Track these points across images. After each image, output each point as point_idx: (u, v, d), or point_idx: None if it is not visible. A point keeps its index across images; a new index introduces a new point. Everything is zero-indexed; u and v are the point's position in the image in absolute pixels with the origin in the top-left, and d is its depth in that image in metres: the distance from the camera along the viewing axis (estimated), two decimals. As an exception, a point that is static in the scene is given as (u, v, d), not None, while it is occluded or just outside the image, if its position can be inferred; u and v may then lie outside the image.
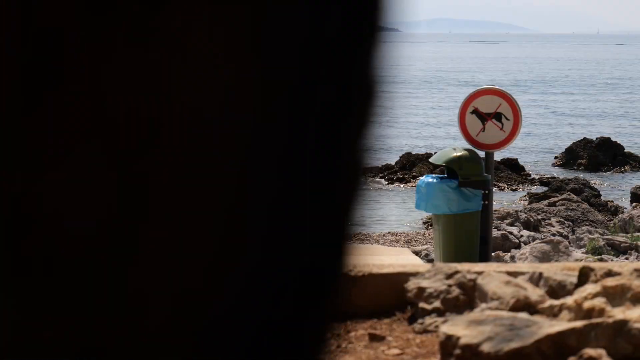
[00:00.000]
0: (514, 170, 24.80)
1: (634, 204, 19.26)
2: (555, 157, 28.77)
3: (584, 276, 3.75)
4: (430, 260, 12.36)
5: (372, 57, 0.98)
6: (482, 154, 10.94)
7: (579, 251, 12.65)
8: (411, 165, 24.70)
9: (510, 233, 14.14)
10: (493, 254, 12.90)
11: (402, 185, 23.65)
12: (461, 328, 3.26)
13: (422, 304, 3.91)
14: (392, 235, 15.94)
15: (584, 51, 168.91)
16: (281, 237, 0.93)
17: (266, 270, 0.92)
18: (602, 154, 26.97)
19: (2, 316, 0.87)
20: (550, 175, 25.30)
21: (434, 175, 11.07)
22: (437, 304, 3.88)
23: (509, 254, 13.04)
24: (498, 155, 26.01)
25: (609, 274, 3.69)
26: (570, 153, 27.71)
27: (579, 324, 3.17)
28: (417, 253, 13.34)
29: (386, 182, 24.23)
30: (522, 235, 14.28)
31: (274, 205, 0.92)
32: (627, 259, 12.34)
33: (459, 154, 10.56)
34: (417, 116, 43.20)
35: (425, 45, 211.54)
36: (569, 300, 3.49)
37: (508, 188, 23.47)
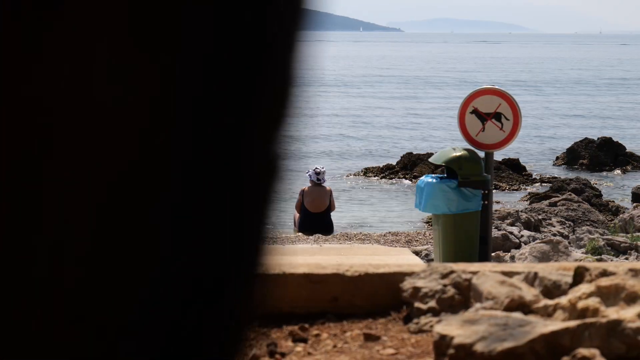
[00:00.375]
0: (515, 170, 24.79)
1: (634, 204, 19.24)
2: (557, 157, 28.76)
3: (579, 276, 3.75)
4: (431, 260, 12.37)
5: (286, 57, 0.98)
6: (482, 154, 10.94)
7: (579, 251, 12.65)
8: (412, 165, 24.71)
9: (511, 233, 14.13)
10: (493, 254, 12.89)
11: (404, 182, 23.66)
12: (455, 328, 3.26)
13: (417, 304, 3.91)
14: (393, 235, 15.94)
15: (586, 51, 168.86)
16: (184, 239, 0.92)
17: (166, 273, 0.92)
18: (603, 154, 26.96)
19: None
20: (551, 175, 25.29)
21: (433, 175, 11.07)
22: (432, 303, 3.88)
23: (509, 254, 13.04)
24: (499, 155, 26.01)
25: (604, 273, 3.69)
26: (572, 153, 27.70)
27: (572, 323, 3.17)
28: (417, 253, 13.34)
29: (387, 182, 24.25)
30: (522, 236, 14.27)
31: (172, 206, 0.92)
32: (627, 259, 12.32)
33: (458, 153, 10.56)
34: (418, 117, 43.20)
35: (426, 45, 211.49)
36: (563, 300, 3.49)
37: (509, 188, 23.47)
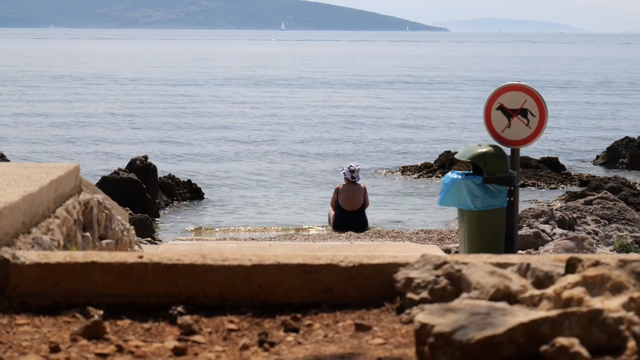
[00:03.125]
0: (554, 169, 24.63)
1: (673, 203, 19.00)
2: (597, 156, 28.56)
3: (572, 267, 3.73)
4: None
5: None
6: (508, 150, 10.87)
7: (606, 248, 12.53)
8: (450, 164, 24.63)
9: (543, 231, 14.03)
10: (524, 251, 12.81)
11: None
12: (437, 317, 3.25)
13: (410, 295, 3.90)
14: (425, 233, 15.89)
15: (634, 51, 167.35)
16: None
17: None
18: (644, 153, 26.71)
19: None
20: (590, 174, 25.09)
21: (459, 171, 11.01)
22: (424, 294, 3.88)
23: (538, 251, 12.96)
24: (538, 154, 25.84)
25: (596, 264, 3.66)
26: (612, 152, 27.46)
27: (553, 312, 3.14)
28: (448, 251, 13.29)
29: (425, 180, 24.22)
30: (554, 234, 14.17)
31: None
32: (655, 256, 12.18)
33: (484, 150, 10.50)
34: (457, 117, 43.07)
35: (472, 45, 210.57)
36: (549, 290, 3.47)
37: (547, 187, 23.32)
